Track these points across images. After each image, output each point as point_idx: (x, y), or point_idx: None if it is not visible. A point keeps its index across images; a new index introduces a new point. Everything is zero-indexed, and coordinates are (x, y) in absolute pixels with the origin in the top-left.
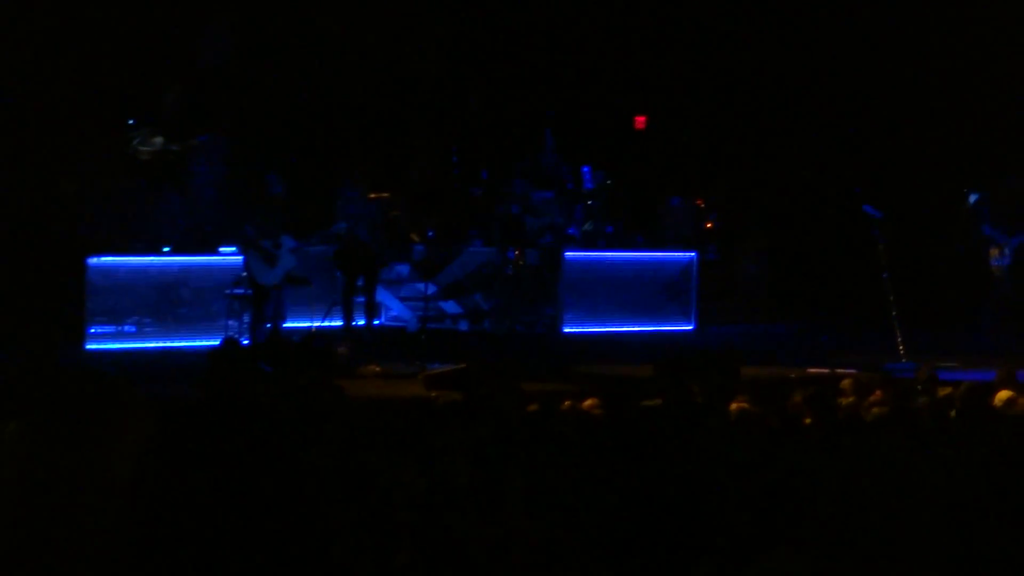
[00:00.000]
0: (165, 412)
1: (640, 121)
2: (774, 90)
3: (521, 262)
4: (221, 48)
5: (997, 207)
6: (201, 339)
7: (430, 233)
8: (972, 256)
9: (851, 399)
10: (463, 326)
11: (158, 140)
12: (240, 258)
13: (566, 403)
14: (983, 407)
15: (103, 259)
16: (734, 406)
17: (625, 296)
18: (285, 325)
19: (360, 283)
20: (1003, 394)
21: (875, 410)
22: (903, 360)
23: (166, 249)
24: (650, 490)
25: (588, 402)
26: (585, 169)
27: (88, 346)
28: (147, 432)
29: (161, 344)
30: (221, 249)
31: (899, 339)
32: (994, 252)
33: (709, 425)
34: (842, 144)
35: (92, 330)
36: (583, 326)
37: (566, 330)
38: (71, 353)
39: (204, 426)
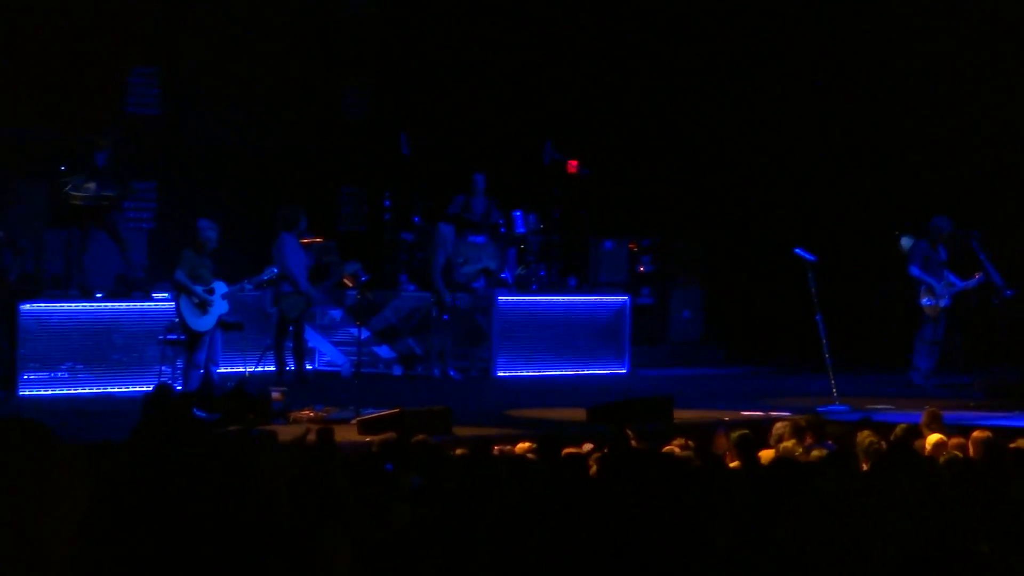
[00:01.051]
0: (97, 465)
1: (572, 165)
2: (706, 134)
3: (452, 307)
4: (151, 95)
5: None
6: (135, 384)
7: (363, 278)
8: (904, 299)
9: (787, 442)
10: (396, 371)
11: (91, 186)
12: (173, 304)
13: (495, 448)
14: (909, 452)
15: (35, 305)
16: (667, 449)
17: (558, 340)
18: (219, 370)
19: (291, 328)
20: (932, 438)
21: (813, 453)
22: (836, 402)
23: (99, 295)
24: (582, 535)
25: (521, 446)
26: (517, 213)
27: (21, 392)
28: (77, 486)
29: (95, 390)
30: (154, 295)
31: (832, 381)
32: (926, 293)
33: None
34: (775, 188)
35: (25, 376)
36: (516, 370)
37: (499, 374)
38: (3, 399)
39: (133, 482)
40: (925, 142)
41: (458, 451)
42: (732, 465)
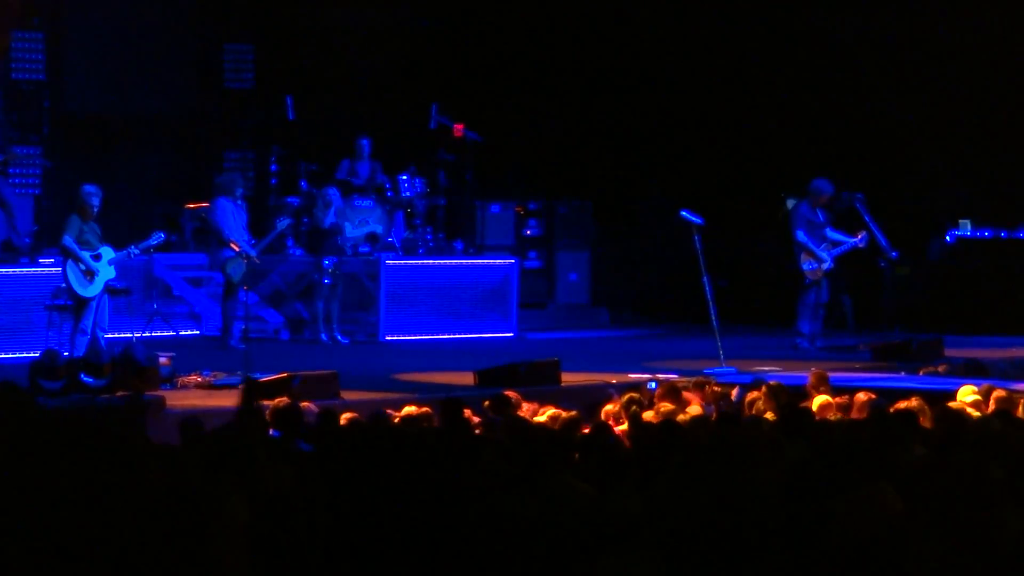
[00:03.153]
0: None
1: (458, 129)
2: (591, 95)
3: (339, 271)
4: (36, 60)
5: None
6: (22, 351)
7: (251, 242)
8: (790, 260)
9: (669, 406)
10: (284, 335)
11: None
12: (60, 269)
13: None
14: (800, 413)
15: None
16: (550, 413)
17: (445, 303)
18: (106, 336)
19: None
20: (819, 399)
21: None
22: (723, 365)
23: None
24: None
25: (408, 409)
26: (403, 177)
27: None
28: None
29: None
30: (40, 260)
31: (719, 344)
32: (808, 256)
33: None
34: (660, 150)
35: None
36: (404, 333)
37: (387, 338)
38: None
39: None
40: (811, 102)
41: (345, 416)
42: (619, 429)
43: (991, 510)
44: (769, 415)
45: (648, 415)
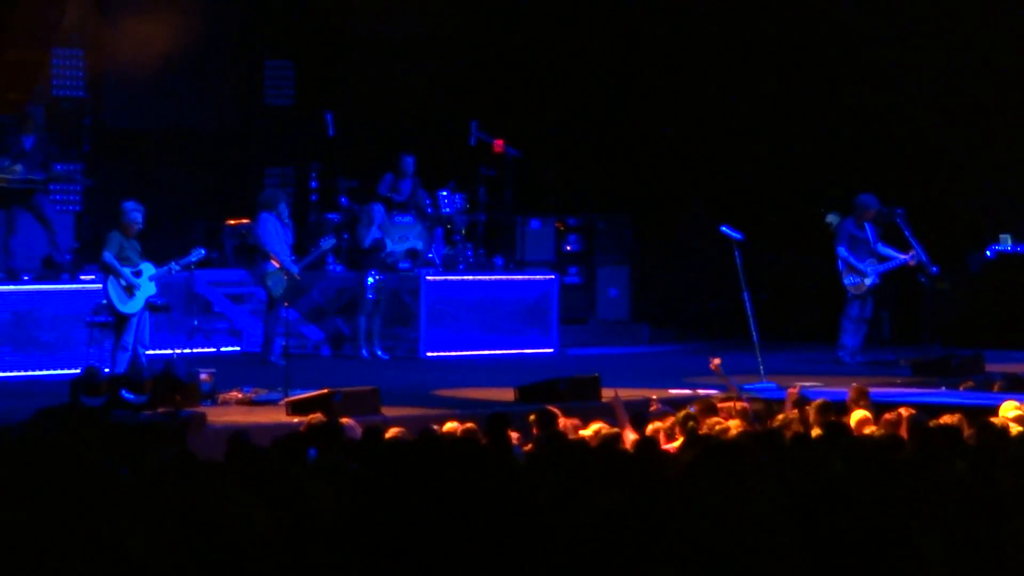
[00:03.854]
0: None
1: (498, 145)
2: (631, 112)
3: (382, 287)
4: (77, 77)
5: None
6: (63, 367)
7: (293, 259)
8: (831, 276)
9: (713, 419)
10: (325, 351)
11: (18, 169)
12: (101, 286)
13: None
14: (839, 428)
15: None
16: (595, 428)
17: (486, 319)
18: (147, 352)
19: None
20: (857, 414)
21: (734, 430)
22: (763, 380)
23: (26, 277)
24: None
25: (449, 426)
26: (443, 193)
27: None
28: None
29: (22, 373)
30: (81, 277)
31: (759, 359)
32: (850, 271)
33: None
34: (701, 165)
35: None
36: (444, 349)
37: (427, 354)
38: None
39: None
40: (851, 118)
41: (390, 431)
42: (673, 445)
43: None
44: (815, 431)
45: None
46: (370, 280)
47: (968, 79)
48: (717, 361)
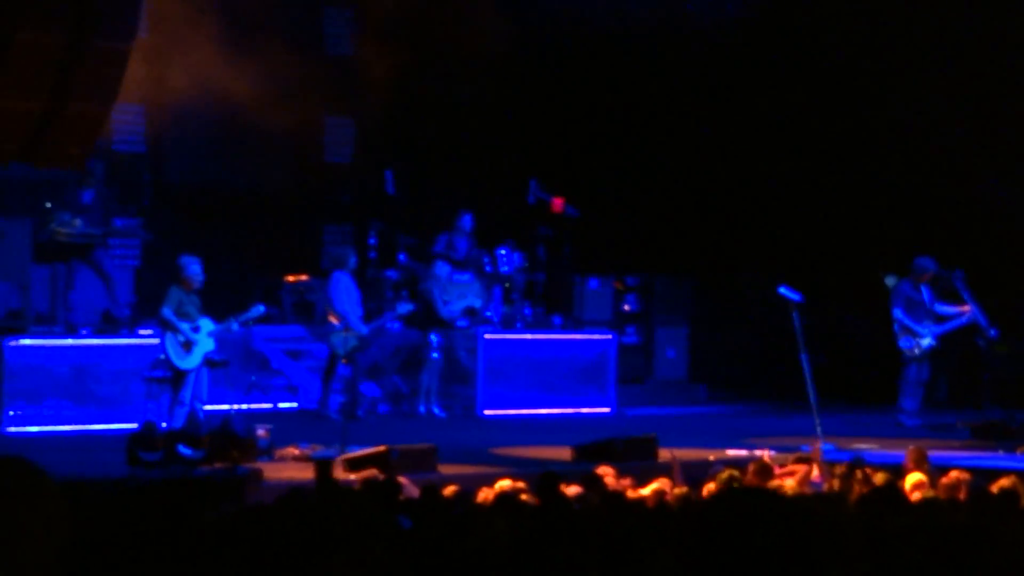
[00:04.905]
0: (80, 502)
1: (557, 204)
2: (691, 173)
3: (446, 345)
4: (137, 132)
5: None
6: (120, 422)
7: (361, 316)
8: (889, 337)
9: (771, 481)
10: (382, 409)
11: (77, 223)
12: (159, 340)
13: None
14: (894, 493)
15: (21, 341)
16: (653, 488)
17: (543, 378)
18: (205, 407)
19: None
20: (913, 477)
21: (791, 490)
22: (821, 441)
23: (84, 331)
24: None
25: (503, 483)
26: (502, 251)
27: (5, 429)
28: (61, 523)
29: (80, 427)
30: (140, 331)
31: (817, 420)
32: (905, 333)
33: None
34: (759, 226)
35: (9, 412)
36: (501, 408)
37: (484, 412)
38: None
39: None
40: (911, 179)
41: (448, 490)
42: None
43: None
44: (869, 493)
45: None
46: (434, 339)
47: None
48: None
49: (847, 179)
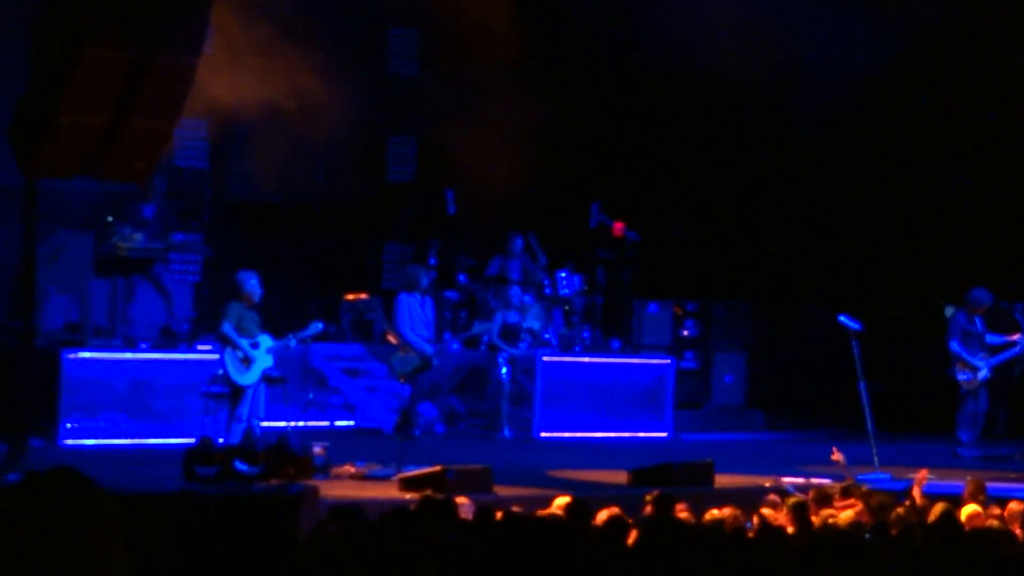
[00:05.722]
0: (138, 517)
1: (618, 228)
2: (753, 198)
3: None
4: (199, 148)
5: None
6: (177, 436)
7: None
8: (947, 367)
9: (827, 510)
10: (439, 429)
11: (138, 237)
12: (218, 356)
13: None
14: (952, 525)
15: (79, 354)
16: (711, 515)
17: (600, 401)
18: (262, 424)
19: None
20: (969, 509)
21: (845, 519)
22: (877, 471)
23: (143, 345)
24: None
25: (559, 501)
26: (562, 274)
27: (63, 441)
28: (119, 538)
29: (137, 441)
30: (198, 346)
31: (874, 449)
32: (962, 367)
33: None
34: (819, 253)
35: (67, 425)
36: (558, 430)
37: (541, 434)
38: (46, 449)
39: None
40: (971, 209)
41: (499, 514)
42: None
43: None
44: (927, 524)
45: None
46: (503, 366)
47: None
48: (839, 456)
49: (910, 207)
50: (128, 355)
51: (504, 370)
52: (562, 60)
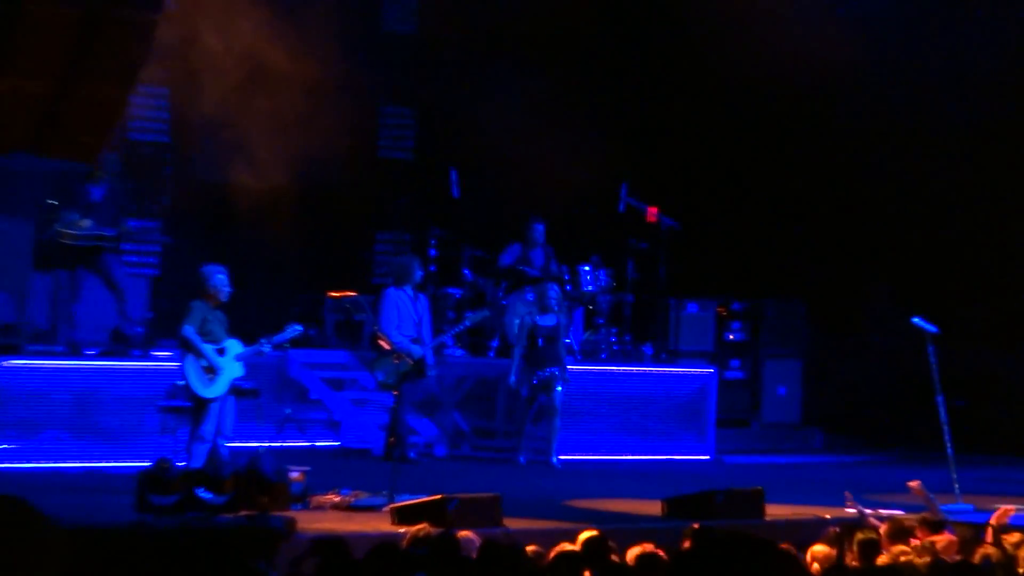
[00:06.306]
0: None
1: (652, 213)
2: (808, 179)
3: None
4: (160, 119)
5: None
6: (129, 459)
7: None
8: None
9: (899, 547)
10: (439, 451)
11: (86, 224)
12: (178, 365)
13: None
14: None
15: (15, 362)
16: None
17: (630, 418)
18: (229, 444)
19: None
20: None
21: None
22: (958, 500)
23: (90, 352)
24: None
25: (583, 536)
26: (585, 268)
27: None
28: (61, 571)
29: (82, 464)
30: (154, 353)
31: (954, 476)
32: None
33: None
34: (890, 245)
35: (1, 445)
36: (580, 452)
37: (560, 457)
38: None
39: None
40: None
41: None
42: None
43: None
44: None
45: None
46: (544, 376)
47: None
48: (917, 484)
49: (995, 192)
50: (72, 363)
51: (524, 391)
52: (589, 14)
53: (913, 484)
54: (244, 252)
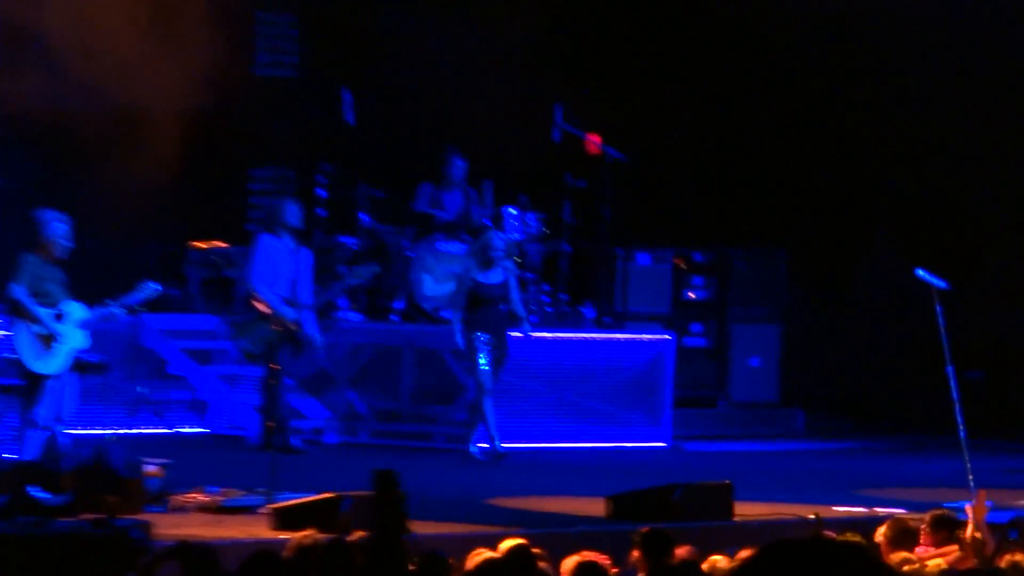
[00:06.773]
0: None
1: (593, 142)
2: (785, 106)
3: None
4: None
5: None
6: None
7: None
8: None
9: (901, 555)
10: (330, 437)
11: None
12: (5, 332)
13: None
14: None
15: None
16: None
17: (568, 397)
18: (69, 432)
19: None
20: None
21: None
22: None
23: None
24: None
25: (506, 544)
26: (510, 211)
27: None
28: None
29: None
30: None
31: (968, 465)
32: None
33: None
34: (884, 185)
35: None
36: (507, 439)
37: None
38: None
39: None
40: None
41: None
42: None
43: None
44: None
45: None
46: (483, 339)
47: None
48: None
49: (1014, 117)
50: None
51: (482, 360)
52: None
53: (980, 494)
54: (85, 195)
